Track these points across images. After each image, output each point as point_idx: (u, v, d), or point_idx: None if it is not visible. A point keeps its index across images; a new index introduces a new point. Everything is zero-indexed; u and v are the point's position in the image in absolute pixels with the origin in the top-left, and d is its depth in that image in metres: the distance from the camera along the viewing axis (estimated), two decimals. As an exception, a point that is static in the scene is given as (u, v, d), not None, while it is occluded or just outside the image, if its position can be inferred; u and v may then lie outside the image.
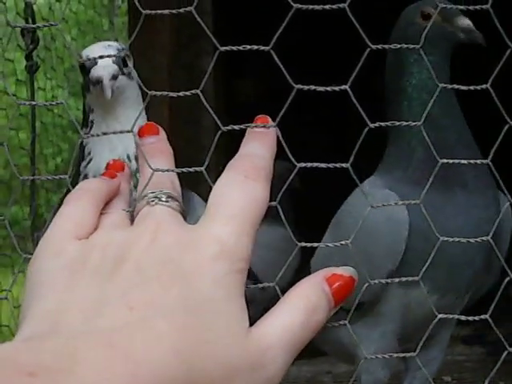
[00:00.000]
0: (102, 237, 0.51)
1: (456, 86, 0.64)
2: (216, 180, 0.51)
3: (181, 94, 0.56)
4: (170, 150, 0.58)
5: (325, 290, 0.50)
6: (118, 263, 0.47)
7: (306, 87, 0.54)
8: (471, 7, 0.65)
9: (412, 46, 0.65)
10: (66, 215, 0.53)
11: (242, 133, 0.54)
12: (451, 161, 0.66)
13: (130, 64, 0.98)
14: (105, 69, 0.94)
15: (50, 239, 0.51)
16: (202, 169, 0.55)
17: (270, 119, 0.54)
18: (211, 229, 0.49)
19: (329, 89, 0.54)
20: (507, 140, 0.72)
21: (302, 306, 0.49)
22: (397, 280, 0.72)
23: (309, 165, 0.56)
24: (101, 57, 0.93)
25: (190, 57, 2.28)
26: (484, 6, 0.63)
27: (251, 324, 0.48)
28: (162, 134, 0.58)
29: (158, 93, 0.58)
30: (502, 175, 0.74)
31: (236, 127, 0.55)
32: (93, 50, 0.96)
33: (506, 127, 0.63)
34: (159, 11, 0.69)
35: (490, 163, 0.68)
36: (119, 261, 0.47)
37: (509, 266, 0.75)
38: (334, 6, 0.55)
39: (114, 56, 0.94)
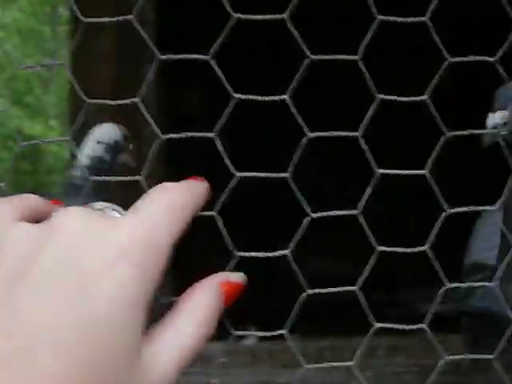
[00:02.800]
0: (11, 230, 0.46)
1: (394, 98, 0.64)
2: None
3: (119, 102, 0.56)
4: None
5: (220, 299, 0.48)
6: (19, 272, 0.43)
7: (243, 96, 0.54)
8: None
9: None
10: None
11: (184, 143, 0.54)
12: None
13: None
14: None
15: None
16: (141, 178, 0.54)
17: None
18: (123, 225, 0.45)
19: (268, 98, 0.54)
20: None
21: (201, 320, 0.47)
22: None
23: (248, 174, 0.56)
24: None
25: (133, 67, 2.27)
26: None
27: None
28: None
29: (97, 101, 0.58)
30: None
31: (175, 136, 0.54)
32: None
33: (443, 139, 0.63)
34: (99, 19, 0.68)
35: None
36: (20, 268, 0.43)
37: None
38: (274, 17, 0.55)
39: None
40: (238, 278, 0.50)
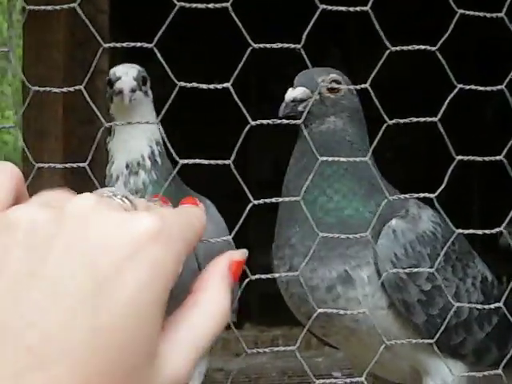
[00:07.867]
0: (22, 212, 0.42)
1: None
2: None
3: (63, 90, 0.56)
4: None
5: (230, 284, 0.47)
6: (34, 269, 0.39)
7: (189, 85, 0.55)
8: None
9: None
10: None
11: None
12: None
13: (148, 85, 1.26)
14: (126, 83, 1.20)
15: None
16: (85, 164, 0.55)
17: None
18: (141, 220, 0.42)
19: (211, 86, 0.55)
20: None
21: (215, 314, 0.45)
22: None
23: (191, 161, 0.56)
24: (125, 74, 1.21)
25: (86, 55, 2.25)
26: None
27: None
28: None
29: (41, 88, 0.58)
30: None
31: (119, 123, 0.55)
32: (118, 69, 1.25)
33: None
34: (51, 7, 0.68)
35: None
36: (32, 262, 0.40)
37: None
38: (217, 5, 0.56)
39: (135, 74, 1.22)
40: (241, 255, 0.49)
